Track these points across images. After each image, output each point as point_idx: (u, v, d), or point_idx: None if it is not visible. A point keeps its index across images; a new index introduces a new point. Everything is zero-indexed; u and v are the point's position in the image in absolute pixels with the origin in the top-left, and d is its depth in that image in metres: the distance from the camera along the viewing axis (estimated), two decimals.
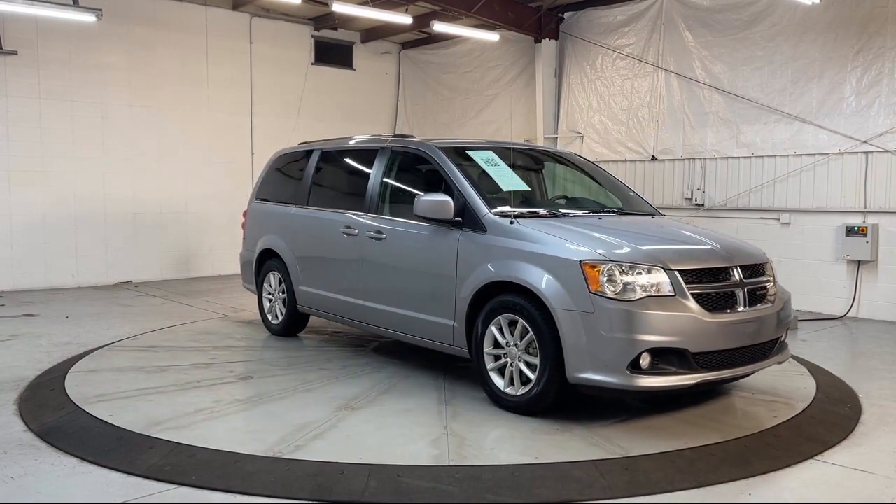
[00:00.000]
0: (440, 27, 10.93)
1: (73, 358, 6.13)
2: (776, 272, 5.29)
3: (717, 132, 9.68)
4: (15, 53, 9.93)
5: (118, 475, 3.74)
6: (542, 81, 11.42)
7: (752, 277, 4.82)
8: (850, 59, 8.49)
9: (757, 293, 4.81)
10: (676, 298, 4.38)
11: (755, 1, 9.23)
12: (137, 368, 5.76)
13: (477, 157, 5.67)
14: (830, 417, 4.82)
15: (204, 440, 4.14)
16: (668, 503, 3.53)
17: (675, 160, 10.15)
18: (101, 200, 10.82)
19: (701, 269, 4.60)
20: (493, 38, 11.61)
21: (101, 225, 10.83)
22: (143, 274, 11.21)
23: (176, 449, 4.03)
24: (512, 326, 4.75)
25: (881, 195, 8.38)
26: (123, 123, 10.97)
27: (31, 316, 8.22)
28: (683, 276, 4.46)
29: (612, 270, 4.35)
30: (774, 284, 5.05)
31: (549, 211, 5.40)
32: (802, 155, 8.93)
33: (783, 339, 5.04)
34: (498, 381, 4.82)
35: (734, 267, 4.73)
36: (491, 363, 4.87)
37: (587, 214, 5.51)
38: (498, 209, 5.04)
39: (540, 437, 4.32)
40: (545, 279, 4.51)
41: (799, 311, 8.10)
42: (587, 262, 4.39)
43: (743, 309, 4.65)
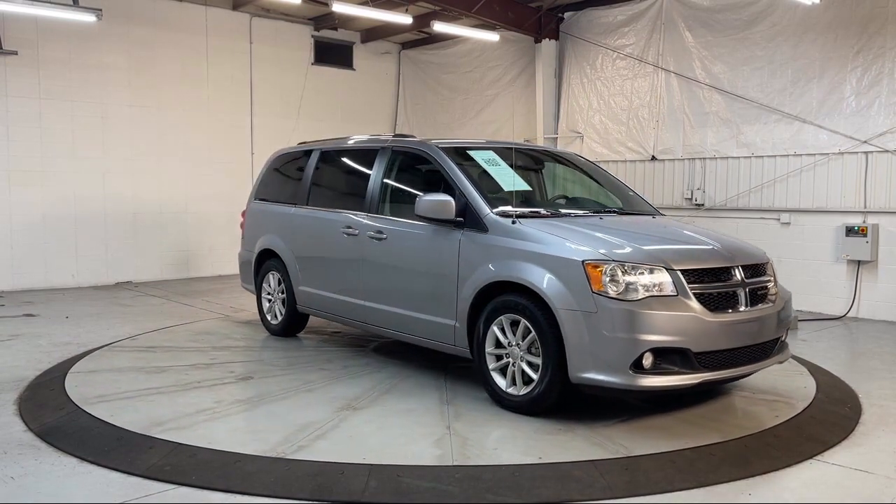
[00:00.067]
0: (440, 27, 10.93)
1: (73, 358, 6.13)
2: (776, 272, 5.29)
3: (717, 132, 9.68)
4: (15, 53, 9.94)
5: (118, 475, 3.74)
6: (542, 81, 11.42)
7: (753, 277, 4.82)
8: (850, 59, 8.49)
9: (758, 293, 4.81)
10: (679, 298, 4.38)
11: (755, 1, 9.23)
12: (137, 369, 5.76)
13: (478, 157, 5.67)
14: (830, 417, 4.82)
15: (206, 441, 4.14)
16: (668, 503, 3.53)
17: (675, 160, 10.15)
18: (101, 200, 10.82)
19: (703, 268, 4.60)
20: (493, 38, 11.61)
21: (101, 225, 10.84)
22: (143, 274, 11.22)
23: (176, 449, 4.03)
24: (514, 326, 4.75)
25: (881, 195, 8.38)
26: (123, 123, 10.97)
27: (31, 316, 8.22)
28: (686, 275, 4.46)
29: (614, 270, 4.35)
30: (775, 284, 5.05)
31: (550, 211, 5.40)
32: (802, 155, 8.93)
33: (784, 338, 5.04)
34: (500, 381, 4.82)
35: (736, 267, 4.73)
36: (493, 363, 4.87)
37: (588, 214, 5.51)
38: (499, 209, 5.04)
39: (542, 437, 4.32)
40: (548, 279, 4.51)
41: (799, 311, 8.11)
42: (590, 261, 4.39)
43: (744, 309, 4.65)
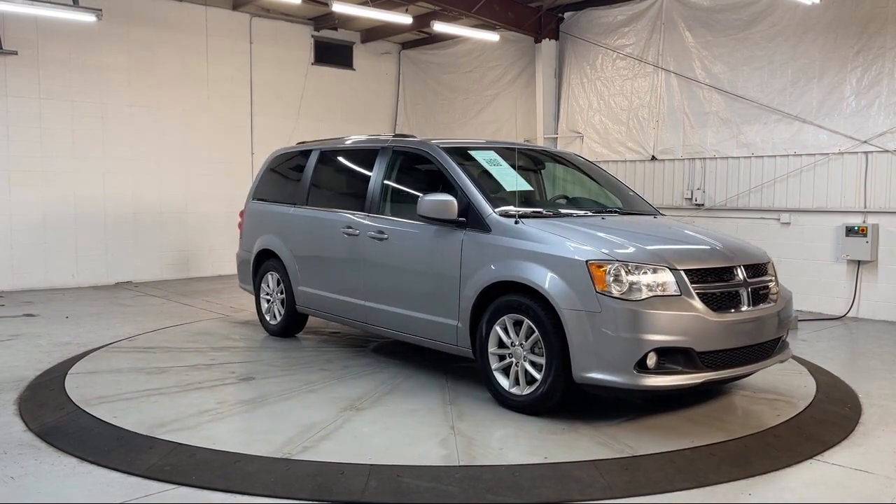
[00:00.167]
0: (440, 27, 10.93)
1: (73, 358, 6.13)
2: (777, 272, 5.30)
3: (717, 132, 9.68)
4: (15, 53, 9.94)
5: (118, 475, 3.73)
6: (542, 81, 11.42)
7: (755, 277, 4.83)
8: (850, 59, 8.49)
9: (760, 292, 4.83)
10: (682, 298, 4.39)
11: (755, 1, 9.23)
12: (137, 370, 5.75)
13: (479, 157, 5.67)
14: (830, 417, 4.83)
15: (211, 441, 4.13)
16: (668, 503, 3.53)
17: (675, 160, 10.15)
18: (101, 200, 10.82)
19: (706, 268, 4.60)
20: (493, 38, 11.60)
21: (101, 225, 10.83)
22: (143, 274, 11.21)
23: (176, 449, 4.03)
24: (517, 326, 4.74)
25: (881, 195, 8.38)
26: (123, 123, 10.97)
27: (31, 316, 8.22)
28: (689, 275, 4.47)
29: (618, 270, 4.35)
30: (776, 284, 5.06)
31: (552, 211, 5.40)
32: (802, 155, 8.93)
33: (785, 338, 5.05)
34: (503, 381, 4.82)
35: (738, 266, 4.74)
36: (496, 363, 4.87)
37: (591, 214, 5.51)
38: (501, 209, 5.04)
39: (547, 436, 4.32)
40: (551, 279, 4.50)
41: (799, 311, 8.09)
42: (593, 261, 4.40)
43: (747, 308, 4.66)
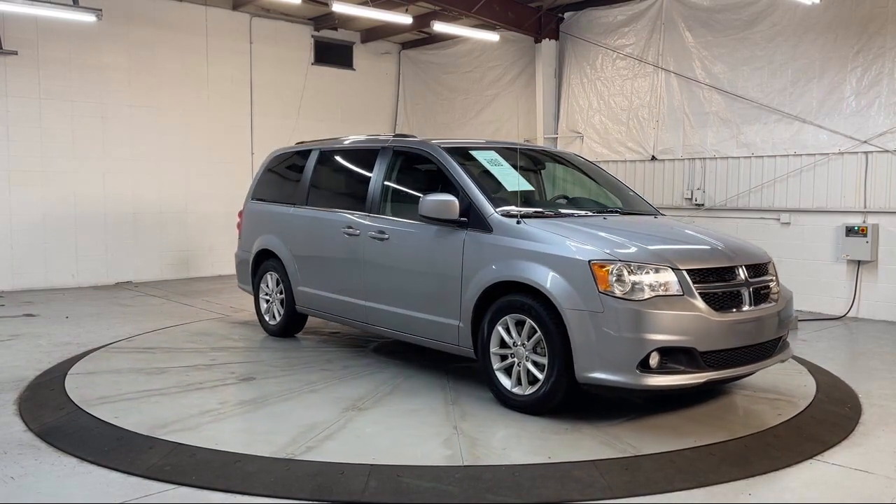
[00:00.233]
0: (440, 27, 10.93)
1: (72, 358, 6.13)
2: (777, 272, 5.30)
3: (717, 132, 9.68)
4: (15, 53, 9.94)
5: (118, 475, 3.73)
6: (542, 81, 11.42)
7: (756, 277, 4.84)
8: (850, 59, 8.49)
9: (761, 292, 4.83)
10: (685, 298, 4.40)
11: (755, 1, 9.23)
12: (137, 370, 5.74)
13: (480, 157, 5.67)
14: (830, 417, 4.83)
15: (213, 442, 4.12)
16: (668, 503, 3.53)
17: (675, 160, 10.15)
18: (101, 200, 10.82)
19: (708, 268, 4.61)
20: (493, 38, 11.60)
21: (101, 225, 10.83)
22: (143, 274, 11.21)
23: (176, 449, 4.03)
24: (519, 326, 4.74)
25: (881, 195, 8.38)
26: (123, 123, 10.97)
27: (31, 316, 8.22)
28: (691, 275, 4.47)
29: (620, 270, 4.36)
30: (777, 283, 5.07)
31: (553, 211, 5.40)
32: (802, 155, 8.93)
33: (785, 337, 5.06)
34: (505, 380, 4.82)
35: (739, 266, 4.75)
36: (497, 363, 4.87)
37: (592, 214, 5.51)
38: (503, 209, 5.04)
39: (550, 436, 4.32)
40: (554, 279, 4.50)
41: (799, 311, 8.08)
42: (596, 261, 4.40)
43: (748, 308, 4.67)
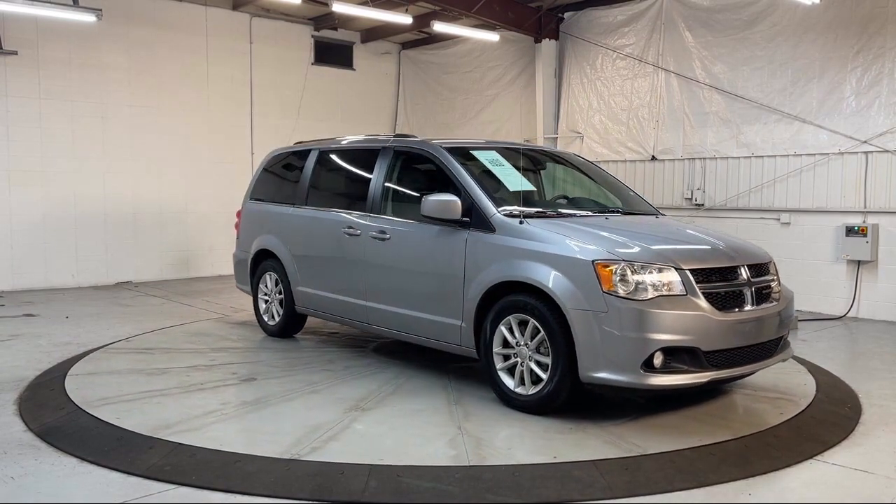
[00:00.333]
0: (440, 27, 10.93)
1: (73, 358, 6.12)
2: (778, 271, 5.31)
3: (717, 132, 9.68)
4: (15, 53, 9.94)
5: (118, 475, 3.73)
6: (542, 81, 11.42)
7: (757, 276, 4.85)
8: (850, 59, 8.49)
9: (763, 292, 4.85)
10: (688, 297, 4.40)
11: (755, 1, 9.23)
12: (138, 370, 5.74)
13: (481, 157, 5.67)
14: (830, 417, 4.83)
15: (218, 443, 4.11)
16: (668, 503, 3.53)
17: (675, 160, 10.15)
18: (101, 200, 10.81)
19: (711, 268, 4.62)
20: (493, 38, 11.60)
21: (101, 225, 10.83)
22: (143, 274, 11.21)
23: (176, 449, 4.03)
24: (522, 326, 4.74)
25: (881, 195, 8.38)
26: (123, 123, 10.97)
27: (31, 316, 8.22)
28: (694, 275, 4.48)
29: (624, 270, 4.36)
30: (778, 283, 5.09)
31: (555, 211, 5.41)
32: (802, 155, 8.93)
33: (786, 337, 5.06)
34: (508, 380, 4.82)
35: (741, 266, 4.76)
36: (500, 363, 4.87)
37: (594, 214, 5.52)
38: (505, 209, 5.04)
39: (554, 436, 4.32)
40: (557, 279, 4.51)
41: (799, 311, 8.08)
42: (600, 261, 4.40)
43: (751, 308, 4.68)
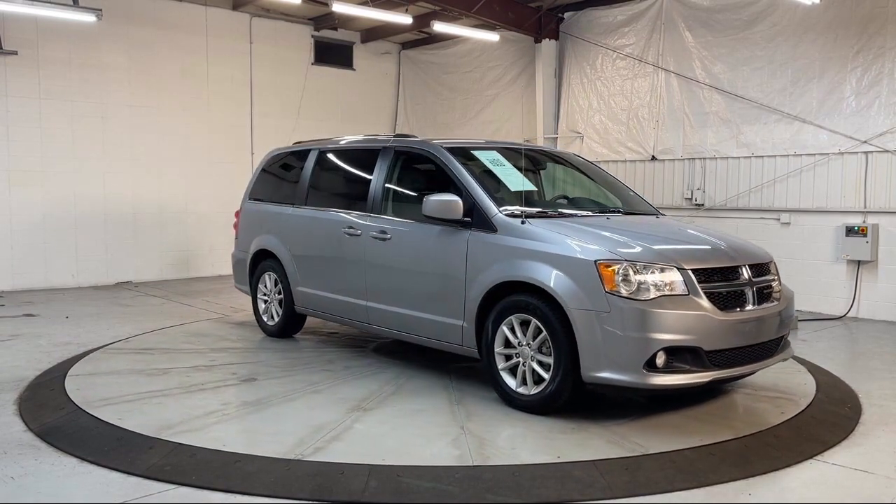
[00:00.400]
0: (440, 27, 10.93)
1: (73, 358, 6.12)
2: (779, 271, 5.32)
3: (717, 132, 9.68)
4: (15, 53, 9.94)
5: (118, 475, 3.73)
6: (542, 81, 11.42)
7: (758, 276, 4.86)
8: (850, 59, 8.49)
9: (764, 292, 4.85)
10: (690, 297, 4.41)
11: (755, 1, 9.23)
12: (138, 371, 5.73)
13: (482, 157, 5.67)
14: (830, 417, 4.83)
15: (221, 443, 4.10)
16: (668, 503, 3.53)
17: (675, 160, 10.15)
18: (101, 200, 10.81)
19: (713, 268, 4.63)
20: (493, 38, 11.60)
21: (101, 225, 10.83)
22: (143, 274, 11.21)
23: (176, 449, 4.03)
24: (524, 326, 4.75)
25: (881, 195, 8.38)
26: (123, 123, 10.97)
27: (31, 316, 8.22)
28: (696, 275, 4.49)
29: (626, 270, 4.37)
30: (779, 283, 5.09)
31: (556, 211, 5.41)
32: (802, 155, 8.93)
33: (787, 337, 5.07)
34: (510, 380, 4.82)
35: (743, 266, 4.77)
36: (502, 363, 4.87)
37: (596, 214, 5.52)
38: (506, 209, 5.04)
39: (557, 435, 4.32)
40: (560, 279, 4.51)
41: (799, 311, 8.08)
42: (602, 261, 4.41)
43: (752, 307, 4.69)
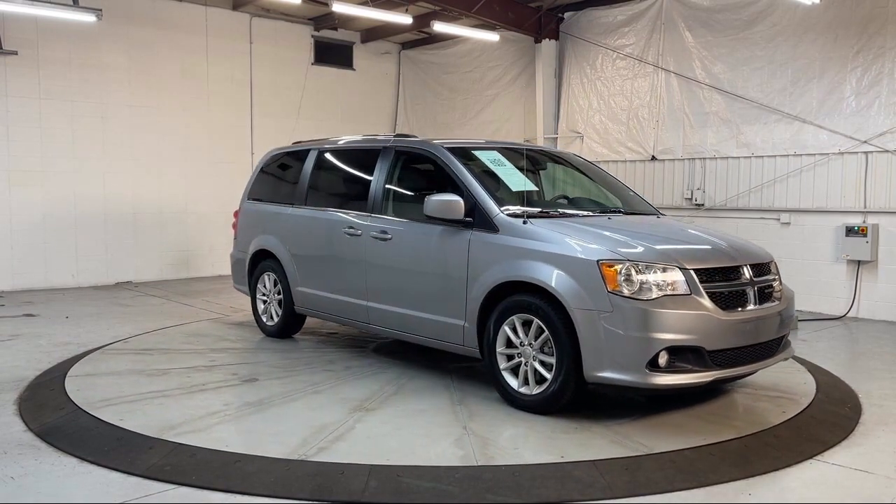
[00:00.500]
0: (440, 27, 10.93)
1: (73, 358, 6.12)
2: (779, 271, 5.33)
3: (717, 132, 9.68)
4: (15, 53, 9.94)
5: (118, 475, 3.73)
6: (542, 81, 11.42)
7: (759, 276, 4.87)
8: (850, 59, 8.49)
9: (765, 291, 4.86)
10: (692, 297, 4.42)
11: (755, 1, 9.23)
12: (138, 371, 5.73)
13: (483, 157, 5.67)
14: (830, 417, 4.83)
15: (224, 444, 4.10)
16: (668, 503, 3.53)
17: (675, 160, 10.15)
18: (101, 200, 10.81)
19: (714, 267, 4.63)
20: (493, 38, 11.60)
21: (101, 225, 10.83)
22: (143, 274, 11.21)
23: (176, 449, 4.03)
24: (525, 326, 4.75)
25: (881, 195, 8.38)
26: (123, 123, 10.97)
27: (31, 316, 8.22)
28: (698, 274, 4.49)
29: (629, 270, 4.37)
30: (779, 283, 5.10)
31: (558, 211, 5.41)
32: (802, 155, 8.92)
33: (787, 336, 5.07)
34: (511, 380, 4.82)
35: (744, 265, 4.78)
36: (504, 363, 4.87)
37: (597, 214, 5.53)
38: (507, 209, 5.04)
39: (560, 435, 4.32)
40: (562, 279, 4.51)
41: (799, 311, 8.06)
42: (604, 261, 4.41)
43: (753, 307, 4.69)
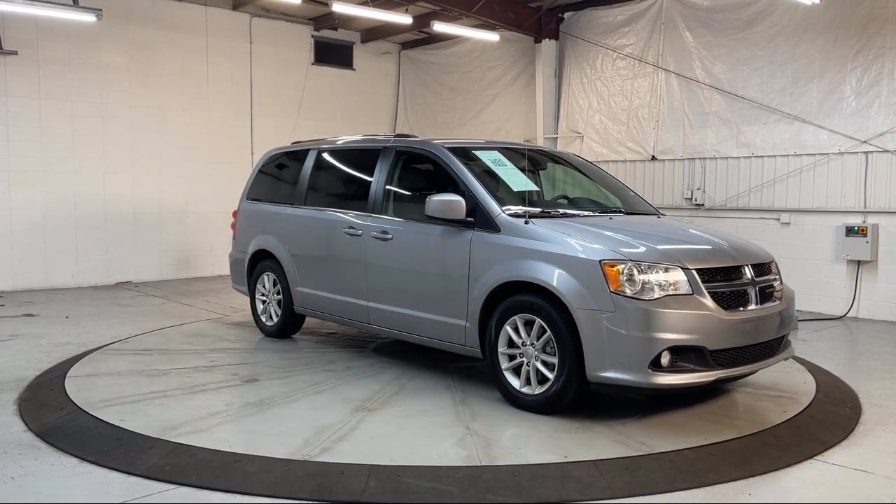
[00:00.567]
0: (440, 27, 10.93)
1: (73, 358, 6.12)
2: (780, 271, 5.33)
3: (717, 132, 9.68)
4: (15, 53, 9.94)
5: (118, 475, 3.73)
6: (542, 81, 11.42)
7: (760, 276, 4.87)
8: (850, 59, 8.49)
9: (766, 291, 4.87)
10: (694, 297, 4.42)
11: (755, 1, 9.23)
12: (139, 372, 5.72)
13: (483, 157, 5.67)
14: (830, 417, 4.83)
15: (227, 444, 4.09)
16: (668, 503, 3.53)
17: (675, 160, 10.15)
18: (101, 200, 10.81)
19: (716, 267, 4.64)
20: (493, 38, 11.61)
21: (101, 225, 10.83)
22: (143, 274, 11.22)
23: (176, 449, 4.03)
24: (527, 326, 4.75)
25: (881, 195, 8.38)
26: (123, 123, 10.97)
27: (31, 316, 8.22)
28: (700, 274, 4.50)
29: (631, 270, 4.38)
30: (780, 283, 5.11)
31: (559, 211, 5.41)
32: (802, 155, 8.93)
33: (788, 336, 5.08)
34: (513, 380, 4.83)
35: (745, 265, 4.79)
36: (506, 363, 4.87)
37: (598, 214, 5.53)
38: (509, 209, 5.04)
39: (562, 435, 4.33)
40: (564, 279, 4.51)
41: (799, 311, 8.06)
42: (607, 261, 4.41)
43: (755, 307, 4.70)
